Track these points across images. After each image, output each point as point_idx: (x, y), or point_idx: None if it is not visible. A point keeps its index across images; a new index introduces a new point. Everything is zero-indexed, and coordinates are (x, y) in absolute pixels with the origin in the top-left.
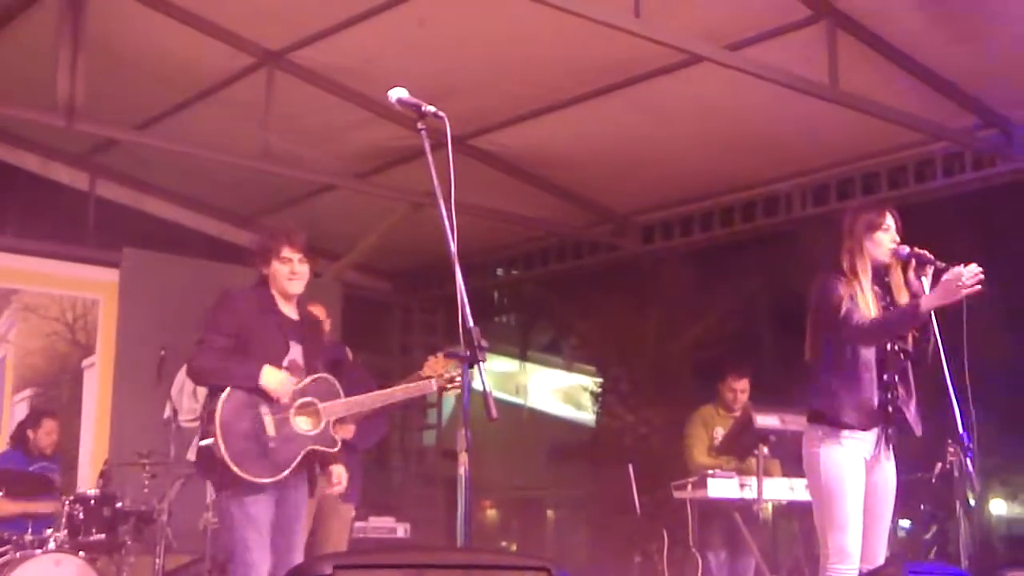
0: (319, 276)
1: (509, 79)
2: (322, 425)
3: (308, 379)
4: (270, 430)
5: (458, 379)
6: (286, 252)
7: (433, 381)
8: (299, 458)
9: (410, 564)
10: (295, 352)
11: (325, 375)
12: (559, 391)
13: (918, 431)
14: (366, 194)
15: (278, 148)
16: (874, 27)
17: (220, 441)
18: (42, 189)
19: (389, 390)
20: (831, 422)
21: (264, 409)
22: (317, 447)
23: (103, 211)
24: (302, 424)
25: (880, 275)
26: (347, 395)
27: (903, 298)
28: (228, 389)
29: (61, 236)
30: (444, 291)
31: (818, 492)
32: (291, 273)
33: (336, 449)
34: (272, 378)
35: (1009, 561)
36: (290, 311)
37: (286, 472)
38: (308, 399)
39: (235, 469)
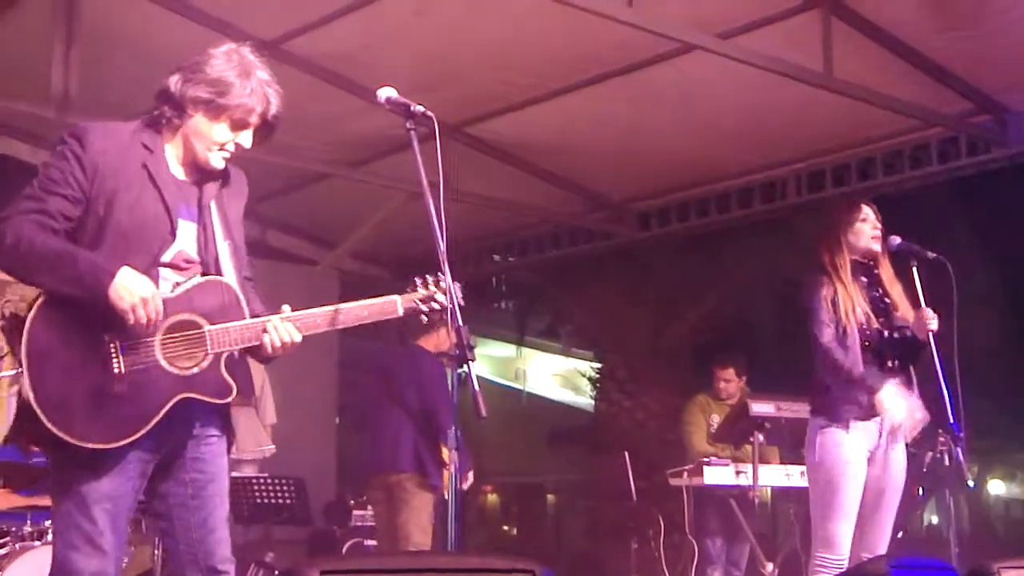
0: (316, 264)
1: (504, 68)
2: (208, 360)
3: (191, 283)
4: (117, 365)
5: (436, 300)
6: (255, 117)
7: (398, 299)
8: (163, 411)
9: (397, 569)
10: (184, 237)
11: (219, 278)
12: (557, 376)
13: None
14: (362, 183)
15: (272, 137)
16: (868, 14)
17: (28, 381)
18: (32, 177)
19: (331, 307)
20: (832, 418)
21: (109, 334)
22: (193, 395)
23: None
24: (174, 359)
25: (867, 267)
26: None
27: (895, 289)
28: (42, 296)
29: None
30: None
31: (815, 480)
32: (233, 146)
33: (228, 399)
34: (130, 286)
35: (1003, 549)
36: (182, 174)
37: (140, 434)
38: (186, 317)
39: (50, 427)
